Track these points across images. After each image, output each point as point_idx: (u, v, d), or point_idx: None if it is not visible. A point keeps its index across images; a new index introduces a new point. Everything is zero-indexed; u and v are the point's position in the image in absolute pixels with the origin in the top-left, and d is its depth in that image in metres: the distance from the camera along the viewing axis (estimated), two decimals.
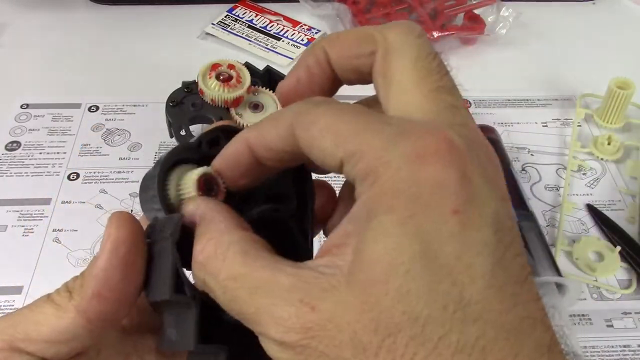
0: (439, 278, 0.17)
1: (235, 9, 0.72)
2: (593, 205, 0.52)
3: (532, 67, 0.66)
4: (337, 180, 0.25)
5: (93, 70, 0.64)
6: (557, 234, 0.50)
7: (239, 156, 0.22)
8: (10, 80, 0.63)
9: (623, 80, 0.56)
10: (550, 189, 0.54)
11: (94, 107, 0.60)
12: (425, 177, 0.18)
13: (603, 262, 0.48)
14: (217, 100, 0.51)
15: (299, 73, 0.23)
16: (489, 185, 0.18)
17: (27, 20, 0.70)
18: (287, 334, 0.18)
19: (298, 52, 0.66)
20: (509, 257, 0.18)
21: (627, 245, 0.48)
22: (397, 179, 0.18)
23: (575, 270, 0.48)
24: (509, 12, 0.67)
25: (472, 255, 0.17)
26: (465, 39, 0.68)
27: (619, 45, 0.70)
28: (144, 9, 0.72)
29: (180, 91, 0.53)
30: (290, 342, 0.18)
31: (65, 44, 0.67)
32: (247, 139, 0.22)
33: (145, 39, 0.68)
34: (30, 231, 0.49)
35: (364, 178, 0.18)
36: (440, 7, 0.67)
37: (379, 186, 0.18)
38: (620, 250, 0.48)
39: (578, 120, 0.59)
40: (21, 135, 0.57)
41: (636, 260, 0.47)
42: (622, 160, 0.56)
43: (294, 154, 0.21)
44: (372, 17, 0.67)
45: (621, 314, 0.45)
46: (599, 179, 0.55)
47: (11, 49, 0.67)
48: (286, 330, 0.18)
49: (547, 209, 0.52)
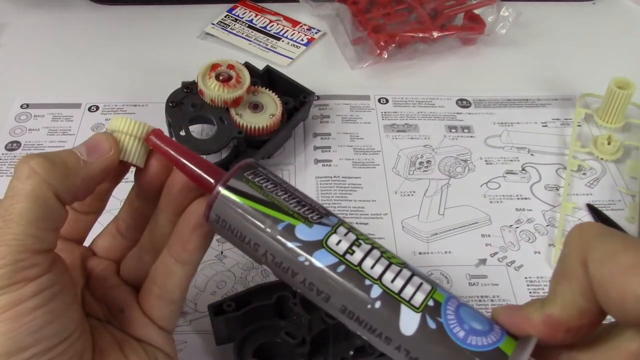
0: None
1: (235, 9, 0.72)
2: (593, 205, 0.52)
3: (532, 67, 0.66)
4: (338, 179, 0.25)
5: (93, 70, 0.64)
6: (557, 234, 0.50)
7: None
8: (10, 80, 0.63)
9: (623, 80, 0.56)
10: (550, 188, 0.54)
11: (94, 107, 0.60)
12: None
13: None
14: (217, 101, 0.51)
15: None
16: None
17: (27, 20, 0.70)
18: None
19: (298, 52, 0.66)
20: None
21: None
22: None
23: None
24: (509, 12, 0.67)
25: None
26: (465, 39, 0.68)
27: (619, 45, 0.70)
28: (144, 9, 0.72)
29: (180, 91, 0.53)
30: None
31: (65, 44, 0.67)
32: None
33: (145, 39, 0.68)
34: None
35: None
36: (440, 7, 0.67)
37: None
38: None
39: (578, 120, 0.59)
40: (21, 135, 0.57)
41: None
42: (622, 160, 0.56)
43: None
44: (372, 17, 0.67)
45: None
46: (599, 178, 0.55)
47: (11, 49, 0.67)
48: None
49: (547, 208, 0.52)
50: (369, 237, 0.30)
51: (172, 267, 0.32)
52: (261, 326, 0.40)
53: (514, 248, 0.49)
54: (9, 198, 0.28)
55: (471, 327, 0.27)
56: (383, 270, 0.28)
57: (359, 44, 0.66)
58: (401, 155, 0.56)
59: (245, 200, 0.30)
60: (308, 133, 0.58)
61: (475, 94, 0.63)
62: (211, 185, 0.31)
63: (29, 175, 0.28)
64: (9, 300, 0.26)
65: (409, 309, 0.28)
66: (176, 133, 0.51)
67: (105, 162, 0.31)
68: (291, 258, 0.29)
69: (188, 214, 0.32)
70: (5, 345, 0.26)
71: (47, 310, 0.27)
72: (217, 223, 0.31)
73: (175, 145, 0.32)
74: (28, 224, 0.27)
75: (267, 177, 0.31)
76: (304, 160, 0.55)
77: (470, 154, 0.57)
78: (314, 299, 0.30)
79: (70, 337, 0.29)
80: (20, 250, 0.26)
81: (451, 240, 0.50)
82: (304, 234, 0.29)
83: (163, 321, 0.34)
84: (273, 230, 0.29)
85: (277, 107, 0.53)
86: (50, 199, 0.28)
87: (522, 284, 0.47)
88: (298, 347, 0.39)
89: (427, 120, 0.60)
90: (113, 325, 0.34)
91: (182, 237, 0.32)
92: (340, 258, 0.29)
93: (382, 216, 0.51)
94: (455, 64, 0.66)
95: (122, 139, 0.32)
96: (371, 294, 0.28)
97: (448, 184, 0.54)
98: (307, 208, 0.30)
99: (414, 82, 0.64)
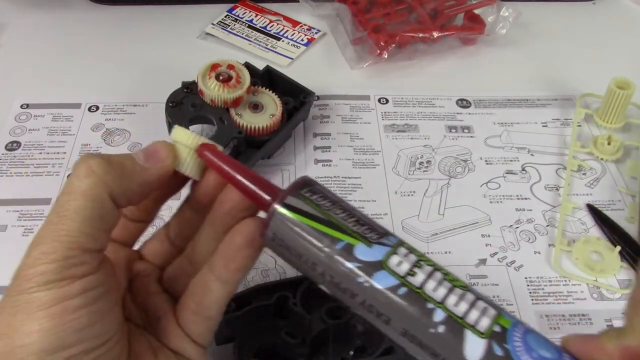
0: None
1: (235, 9, 0.72)
2: (593, 205, 0.52)
3: (532, 67, 0.66)
4: (338, 180, 0.25)
5: (93, 70, 0.64)
6: (557, 234, 0.50)
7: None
8: (10, 80, 0.63)
9: (623, 80, 0.56)
10: (550, 188, 0.54)
11: (94, 107, 0.60)
12: None
13: (603, 262, 0.48)
14: (217, 101, 0.51)
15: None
16: None
17: (27, 20, 0.70)
18: None
19: (298, 52, 0.66)
20: None
21: (627, 245, 0.48)
22: None
23: (575, 270, 0.48)
24: (509, 12, 0.67)
25: None
26: (465, 39, 0.68)
27: (619, 45, 0.70)
28: (144, 9, 0.72)
29: (180, 91, 0.53)
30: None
31: (65, 44, 0.67)
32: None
33: (145, 39, 0.68)
34: (30, 231, 0.49)
35: None
36: (440, 7, 0.67)
37: None
38: (620, 250, 0.48)
39: (578, 120, 0.59)
40: (21, 135, 0.57)
41: (636, 260, 0.47)
42: (622, 160, 0.56)
43: None
44: (372, 17, 0.67)
45: (621, 314, 0.45)
46: (599, 179, 0.55)
47: (11, 49, 0.67)
48: None
49: (547, 208, 0.52)
50: (430, 258, 0.30)
51: (212, 284, 0.32)
52: (261, 326, 0.40)
53: (514, 248, 0.49)
54: (65, 194, 0.28)
55: (540, 355, 0.26)
56: (446, 293, 0.28)
57: (359, 44, 0.66)
58: (401, 155, 0.56)
59: (302, 218, 0.29)
60: (308, 133, 0.58)
61: (475, 94, 0.63)
62: (267, 202, 0.30)
63: (87, 174, 0.28)
64: (56, 295, 0.26)
65: (474, 334, 0.27)
66: None
67: (161, 169, 0.31)
68: (350, 279, 0.28)
69: (235, 233, 0.31)
70: (48, 342, 0.26)
71: (92, 310, 0.27)
72: (274, 241, 0.30)
73: (230, 161, 0.32)
74: (82, 222, 0.27)
75: (325, 195, 0.30)
76: (304, 160, 0.55)
77: (470, 154, 0.57)
78: (373, 320, 0.29)
79: (111, 340, 0.28)
80: (71, 247, 0.27)
81: (451, 240, 0.50)
82: (364, 254, 0.28)
83: (197, 336, 0.33)
84: (331, 250, 0.29)
85: (277, 107, 0.53)
86: (106, 200, 0.28)
87: (522, 284, 0.47)
88: (298, 347, 0.39)
89: (427, 120, 0.60)
90: (149, 332, 0.33)
91: (225, 256, 0.31)
92: (402, 280, 0.28)
93: (382, 216, 0.51)
94: (455, 64, 0.66)
95: (180, 150, 0.32)
96: (434, 318, 0.27)
97: (448, 184, 0.54)
98: (366, 227, 0.30)
99: (414, 82, 0.64)
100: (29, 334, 0.26)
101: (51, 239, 0.27)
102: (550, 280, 0.47)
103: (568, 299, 0.46)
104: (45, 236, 0.27)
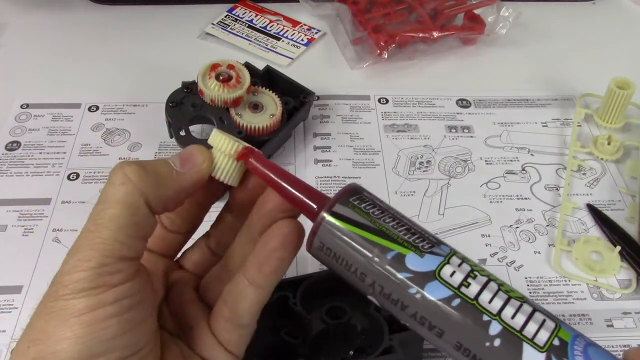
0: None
1: (235, 9, 0.72)
2: (593, 205, 0.52)
3: (532, 67, 0.66)
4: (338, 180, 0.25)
5: (93, 70, 0.64)
6: (557, 234, 0.50)
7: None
8: (10, 80, 0.63)
9: (623, 80, 0.56)
10: (550, 188, 0.54)
11: (94, 107, 0.60)
12: None
13: (603, 262, 0.48)
14: (217, 101, 0.51)
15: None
16: None
17: (27, 20, 0.70)
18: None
19: (298, 52, 0.66)
20: None
21: (627, 245, 0.48)
22: None
23: (575, 270, 0.48)
24: (509, 12, 0.67)
25: None
26: (465, 39, 0.68)
27: (619, 45, 0.70)
28: (144, 9, 0.72)
29: (180, 91, 0.53)
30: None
31: (65, 44, 0.67)
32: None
33: (145, 39, 0.68)
34: (30, 231, 0.49)
35: None
36: (440, 7, 0.67)
37: None
38: (620, 250, 0.48)
39: (578, 120, 0.59)
40: (21, 135, 0.57)
41: (636, 260, 0.47)
42: (622, 160, 0.56)
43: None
44: (372, 17, 0.67)
45: (621, 313, 0.45)
46: (599, 178, 0.55)
47: (11, 49, 0.67)
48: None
49: (547, 208, 0.52)
50: (484, 267, 0.29)
51: (245, 289, 0.31)
52: (261, 326, 0.40)
53: (514, 248, 0.49)
54: (101, 203, 0.28)
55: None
56: (502, 305, 0.27)
57: (359, 44, 0.66)
58: (401, 155, 0.56)
59: (351, 227, 0.29)
60: (308, 133, 0.58)
61: (475, 94, 0.63)
62: (314, 211, 0.30)
63: (122, 182, 0.28)
64: (89, 303, 0.26)
65: (533, 348, 0.26)
66: (176, 133, 0.51)
67: (197, 174, 0.30)
68: (401, 289, 0.28)
69: (268, 234, 0.30)
70: (77, 350, 0.25)
71: (124, 319, 0.27)
72: (321, 251, 0.29)
73: (275, 168, 0.31)
74: (117, 230, 0.27)
75: (374, 203, 0.30)
76: (304, 160, 0.55)
77: (470, 154, 0.57)
78: (425, 334, 0.28)
79: (142, 351, 0.28)
80: (107, 255, 0.26)
81: (451, 240, 0.49)
82: (415, 264, 0.28)
83: (231, 345, 0.32)
84: (381, 260, 0.28)
85: (277, 107, 0.53)
86: (141, 207, 0.28)
87: (522, 284, 0.47)
88: (298, 347, 0.38)
89: (427, 120, 0.60)
90: (182, 341, 0.32)
91: (259, 259, 0.30)
92: (455, 291, 0.27)
93: None
94: (455, 64, 0.66)
95: (216, 156, 0.31)
96: (490, 331, 0.26)
97: (448, 184, 0.54)
98: (417, 236, 0.29)
99: (414, 82, 0.64)
100: (61, 340, 0.25)
101: (87, 247, 0.27)
102: (550, 280, 0.47)
103: (568, 299, 0.46)
104: (82, 244, 0.27)
